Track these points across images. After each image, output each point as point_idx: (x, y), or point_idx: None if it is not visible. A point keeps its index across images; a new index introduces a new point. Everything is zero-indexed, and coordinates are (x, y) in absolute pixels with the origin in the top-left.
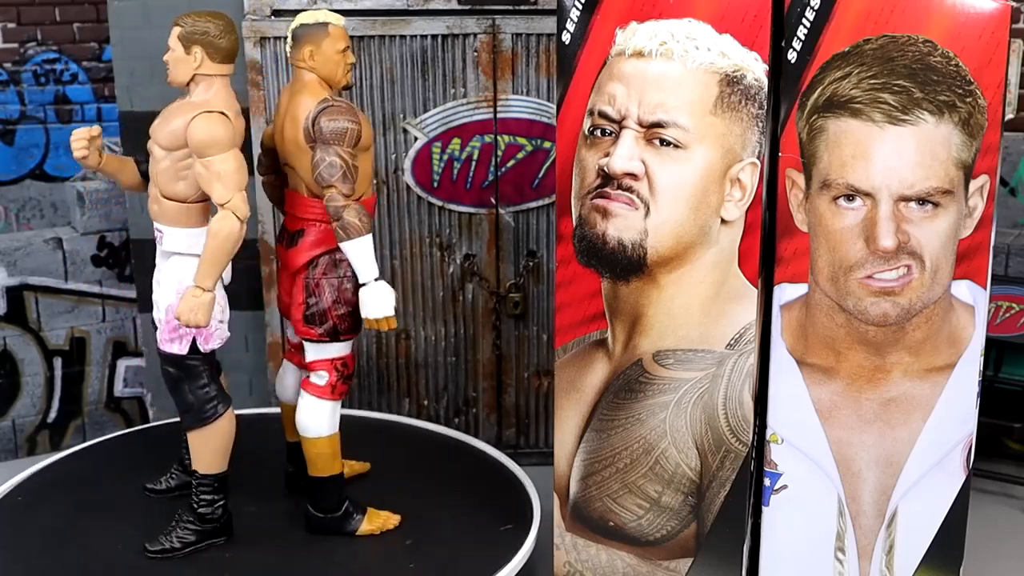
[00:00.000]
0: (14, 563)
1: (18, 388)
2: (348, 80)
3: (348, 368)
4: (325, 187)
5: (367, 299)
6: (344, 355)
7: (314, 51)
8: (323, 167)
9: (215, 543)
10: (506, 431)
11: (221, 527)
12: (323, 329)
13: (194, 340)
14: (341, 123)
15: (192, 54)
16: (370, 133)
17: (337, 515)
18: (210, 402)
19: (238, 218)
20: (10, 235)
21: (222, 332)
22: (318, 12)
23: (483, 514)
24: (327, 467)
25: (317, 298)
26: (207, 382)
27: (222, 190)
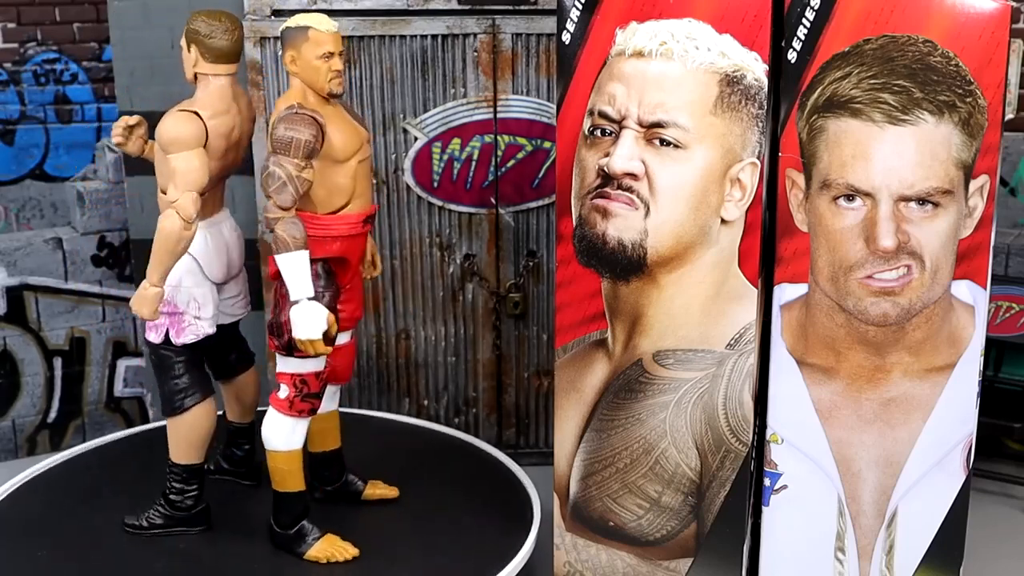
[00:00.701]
0: (14, 563)
1: (18, 388)
2: (333, 87)
3: (308, 387)
4: (266, 196)
5: (294, 319)
6: (303, 372)
7: (295, 56)
8: (264, 176)
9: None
10: (506, 431)
11: (192, 517)
12: (280, 342)
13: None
14: (291, 133)
15: (192, 52)
16: (347, 143)
17: (289, 533)
18: (178, 394)
19: (181, 217)
20: (10, 235)
21: (197, 328)
22: (308, 15)
23: (483, 514)
24: (283, 482)
25: (279, 310)
26: (179, 373)
27: (173, 188)
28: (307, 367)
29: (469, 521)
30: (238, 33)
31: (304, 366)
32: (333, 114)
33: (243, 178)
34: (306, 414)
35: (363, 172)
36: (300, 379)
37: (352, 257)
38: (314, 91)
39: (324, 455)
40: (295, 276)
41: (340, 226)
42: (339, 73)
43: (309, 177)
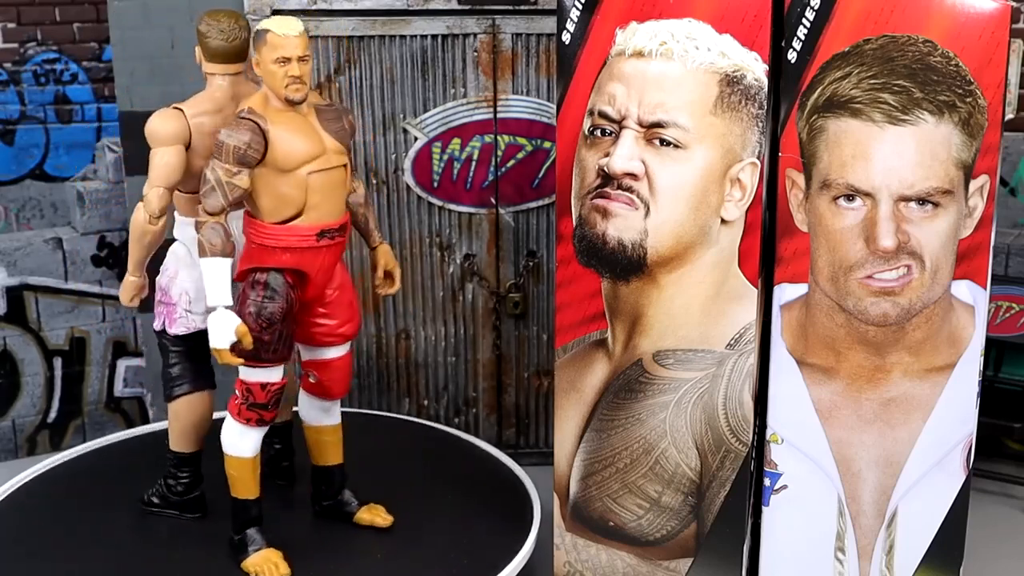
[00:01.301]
0: (14, 563)
1: (18, 388)
2: (290, 93)
3: (253, 396)
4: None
5: (208, 326)
6: (249, 380)
7: (259, 59)
8: (201, 178)
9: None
10: (506, 431)
11: (186, 503)
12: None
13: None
14: (225, 137)
15: (198, 51)
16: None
17: (235, 538)
18: (170, 381)
19: (146, 211)
20: (10, 235)
21: (187, 321)
22: (275, 18)
23: (483, 514)
24: (233, 487)
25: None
26: (172, 363)
27: (146, 182)
28: (254, 376)
29: (469, 521)
30: (237, 34)
31: (252, 374)
32: (291, 121)
33: None
34: (253, 423)
35: (319, 184)
36: (246, 387)
37: (311, 271)
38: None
39: (321, 470)
40: (211, 282)
41: (288, 238)
42: (296, 79)
43: (240, 184)
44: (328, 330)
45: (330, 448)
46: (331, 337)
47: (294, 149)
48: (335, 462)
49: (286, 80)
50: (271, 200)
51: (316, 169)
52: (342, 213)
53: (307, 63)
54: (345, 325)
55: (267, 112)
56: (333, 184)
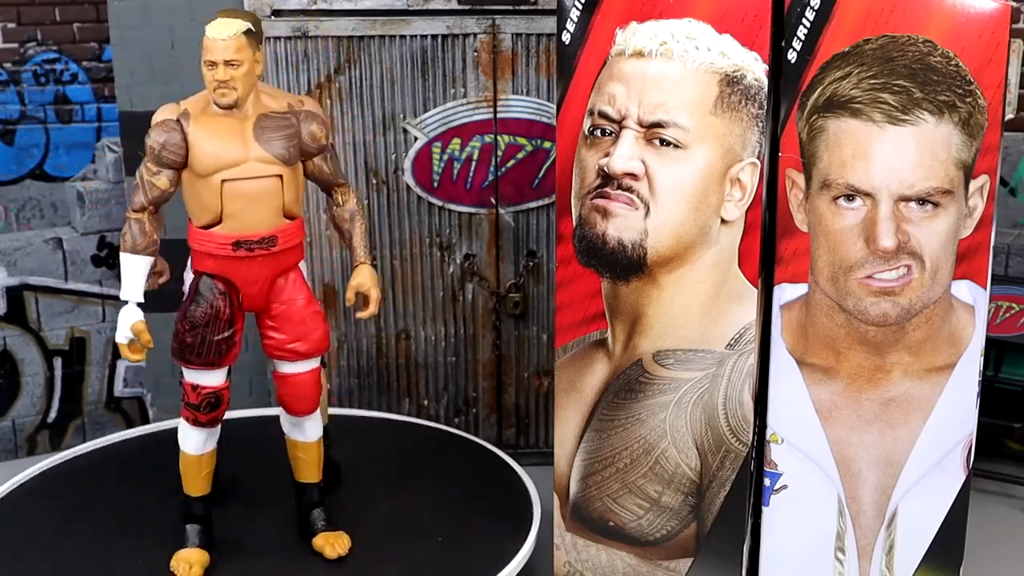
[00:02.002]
0: (14, 563)
1: (18, 388)
2: (217, 97)
3: (189, 396)
4: None
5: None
6: (185, 380)
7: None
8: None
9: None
10: (506, 431)
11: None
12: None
13: None
14: (148, 136)
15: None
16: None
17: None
18: None
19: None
20: (10, 235)
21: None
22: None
23: (483, 514)
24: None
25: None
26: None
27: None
28: (189, 376)
29: (469, 521)
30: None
31: (187, 374)
32: (218, 125)
33: None
34: (191, 422)
35: (236, 193)
36: (186, 385)
37: (236, 280)
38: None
39: (296, 485)
40: (123, 277)
41: (208, 243)
42: (221, 84)
43: (159, 184)
44: (277, 344)
45: (302, 465)
46: (281, 352)
47: (208, 154)
48: (307, 480)
49: (213, 84)
50: (193, 204)
51: (233, 177)
52: (271, 225)
53: (237, 67)
54: (296, 342)
55: (200, 114)
56: (256, 194)
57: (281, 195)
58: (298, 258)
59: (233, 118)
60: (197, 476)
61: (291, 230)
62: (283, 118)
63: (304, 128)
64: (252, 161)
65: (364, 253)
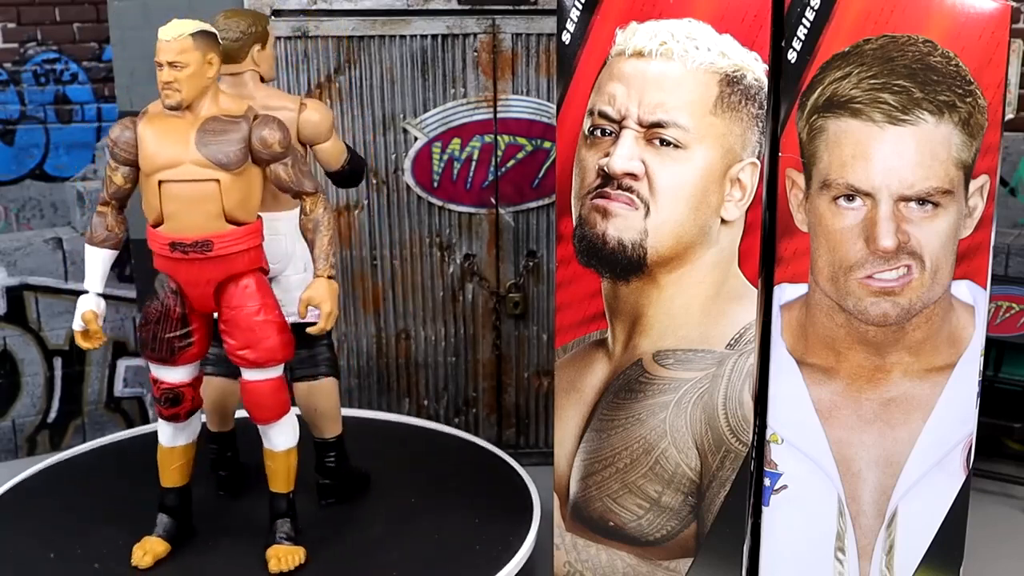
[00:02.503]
0: (14, 563)
1: (18, 388)
2: (164, 98)
3: (153, 389)
4: None
5: None
6: (151, 373)
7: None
8: None
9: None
10: (506, 431)
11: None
12: None
13: None
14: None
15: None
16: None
17: None
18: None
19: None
20: (10, 235)
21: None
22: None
23: (483, 514)
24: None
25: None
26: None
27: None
28: (151, 369)
29: (469, 521)
30: (226, 34)
31: (151, 367)
32: (166, 125)
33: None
34: (161, 418)
35: (172, 194)
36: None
37: (179, 280)
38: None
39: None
40: (86, 267)
41: (153, 242)
42: (165, 84)
43: (115, 179)
44: (230, 349)
45: (270, 474)
46: (234, 357)
47: (149, 153)
48: (274, 489)
49: (160, 84)
50: (143, 202)
51: (169, 179)
52: (206, 230)
53: (181, 69)
54: (245, 349)
55: (156, 114)
56: (193, 197)
57: (219, 200)
58: (250, 264)
59: (183, 120)
60: (167, 468)
61: (234, 235)
62: (232, 122)
63: (255, 133)
64: (188, 164)
65: (324, 265)
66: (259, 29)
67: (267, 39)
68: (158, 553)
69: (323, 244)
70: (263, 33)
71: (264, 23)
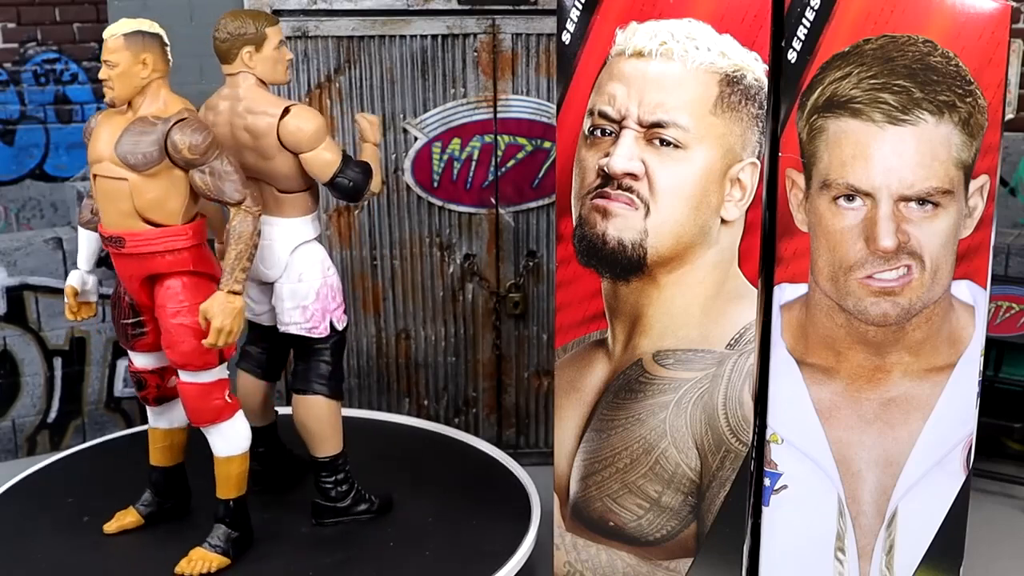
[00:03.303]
0: (15, 563)
1: (18, 388)
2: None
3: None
4: None
5: None
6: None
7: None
8: None
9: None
10: (506, 431)
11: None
12: None
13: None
14: None
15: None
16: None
17: None
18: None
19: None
20: (10, 235)
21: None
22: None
23: (483, 514)
24: None
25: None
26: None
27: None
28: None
29: (469, 521)
30: (217, 34)
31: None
32: (109, 121)
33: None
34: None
35: (97, 188)
36: None
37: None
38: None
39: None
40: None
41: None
42: (103, 82)
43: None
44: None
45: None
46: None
47: (90, 146)
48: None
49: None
50: None
51: (96, 173)
52: (119, 226)
53: (112, 68)
54: (168, 349)
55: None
56: (108, 193)
57: (130, 199)
58: (174, 266)
59: (124, 117)
60: (151, 446)
61: (149, 236)
62: (153, 124)
63: (169, 137)
64: (107, 160)
65: (225, 279)
66: (250, 32)
67: (263, 42)
68: (125, 524)
69: (230, 257)
70: (256, 36)
71: (260, 26)
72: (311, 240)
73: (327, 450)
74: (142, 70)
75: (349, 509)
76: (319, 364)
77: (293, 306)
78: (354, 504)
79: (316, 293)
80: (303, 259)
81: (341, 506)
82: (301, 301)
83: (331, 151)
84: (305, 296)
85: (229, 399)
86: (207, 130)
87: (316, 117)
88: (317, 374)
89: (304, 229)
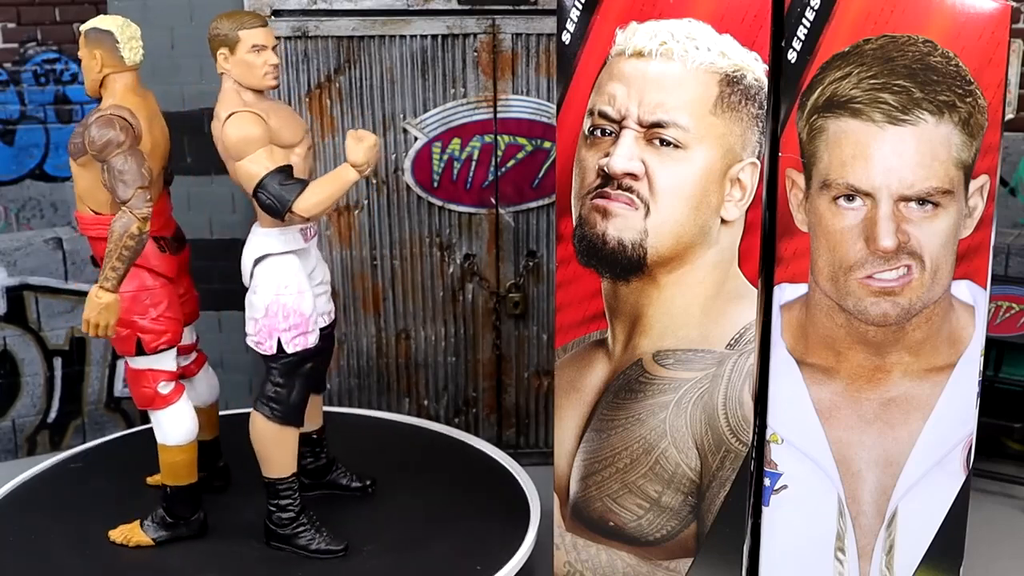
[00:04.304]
0: (15, 563)
1: (18, 388)
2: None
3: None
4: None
5: None
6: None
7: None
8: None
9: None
10: (506, 431)
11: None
12: None
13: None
14: None
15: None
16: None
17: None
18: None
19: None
20: (10, 235)
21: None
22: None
23: (483, 514)
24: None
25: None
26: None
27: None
28: None
29: (469, 521)
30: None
31: None
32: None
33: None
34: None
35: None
36: None
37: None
38: None
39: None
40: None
41: None
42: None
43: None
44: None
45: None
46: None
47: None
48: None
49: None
50: None
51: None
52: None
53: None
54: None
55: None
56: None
57: (78, 185)
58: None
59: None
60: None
61: (88, 220)
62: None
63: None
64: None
65: (101, 276)
66: (222, 34)
67: (235, 45)
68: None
69: (108, 254)
70: (228, 39)
71: (234, 28)
72: (279, 254)
73: (268, 471)
74: (96, 65)
75: (290, 539)
76: (267, 383)
77: (248, 316)
78: (295, 535)
79: (265, 309)
80: (262, 272)
81: (281, 533)
82: (253, 313)
83: (257, 164)
84: (256, 309)
85: (163, 391)
86: (115, 129)
87: (248, 126)
88: (263, 393)
89: (268, 242)
